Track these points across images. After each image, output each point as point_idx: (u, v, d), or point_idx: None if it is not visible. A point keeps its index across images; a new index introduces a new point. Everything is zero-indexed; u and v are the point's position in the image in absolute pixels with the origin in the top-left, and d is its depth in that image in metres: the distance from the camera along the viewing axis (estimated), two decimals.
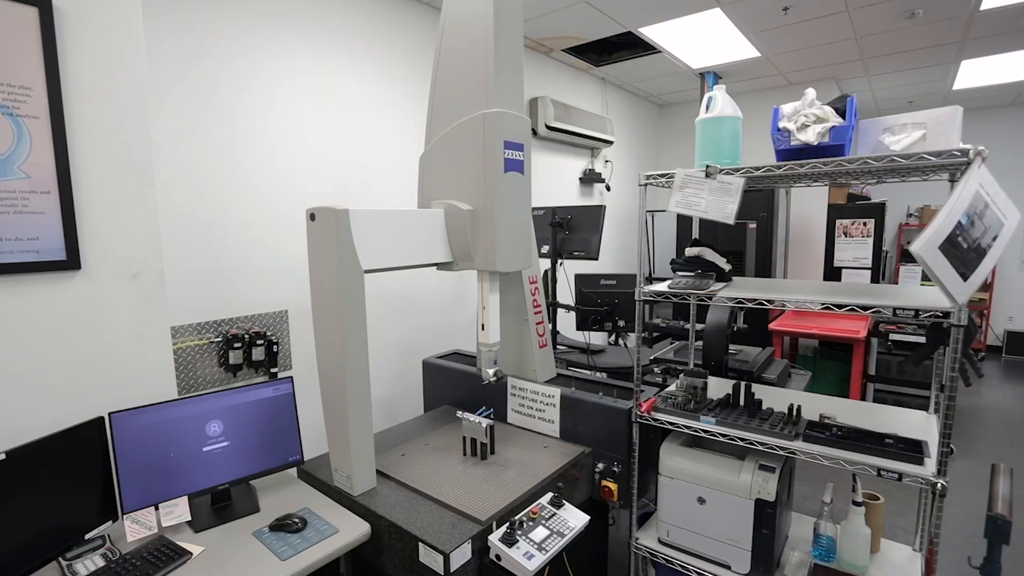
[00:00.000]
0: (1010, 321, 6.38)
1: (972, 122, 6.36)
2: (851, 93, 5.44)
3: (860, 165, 1.33)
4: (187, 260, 2.23)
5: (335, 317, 1.60)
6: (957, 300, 1.21)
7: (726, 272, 1.84)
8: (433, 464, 1.86)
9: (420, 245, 1.80)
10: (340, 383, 1.63)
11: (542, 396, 2.09)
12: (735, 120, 1.64)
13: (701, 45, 3.96)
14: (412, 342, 3.21)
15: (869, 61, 4.40)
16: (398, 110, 3.04)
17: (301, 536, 1.49)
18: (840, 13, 3.35)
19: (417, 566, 1.47)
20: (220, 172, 2.32)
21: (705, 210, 1.53)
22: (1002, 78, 4.96)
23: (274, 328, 2.53)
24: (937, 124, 1.32)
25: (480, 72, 1.75)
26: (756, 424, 1.64)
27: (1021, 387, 5.19)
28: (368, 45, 2.87)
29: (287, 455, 1.80)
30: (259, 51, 2.40)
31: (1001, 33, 3.77)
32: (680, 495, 1.80)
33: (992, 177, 1.20)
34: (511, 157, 1.79)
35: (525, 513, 1.56)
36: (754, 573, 1.71)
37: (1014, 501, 2.57)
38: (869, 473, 1.41)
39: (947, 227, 1.16)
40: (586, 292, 2.90)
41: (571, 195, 4.59)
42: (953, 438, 3.78)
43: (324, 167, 2.71)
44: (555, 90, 4.28)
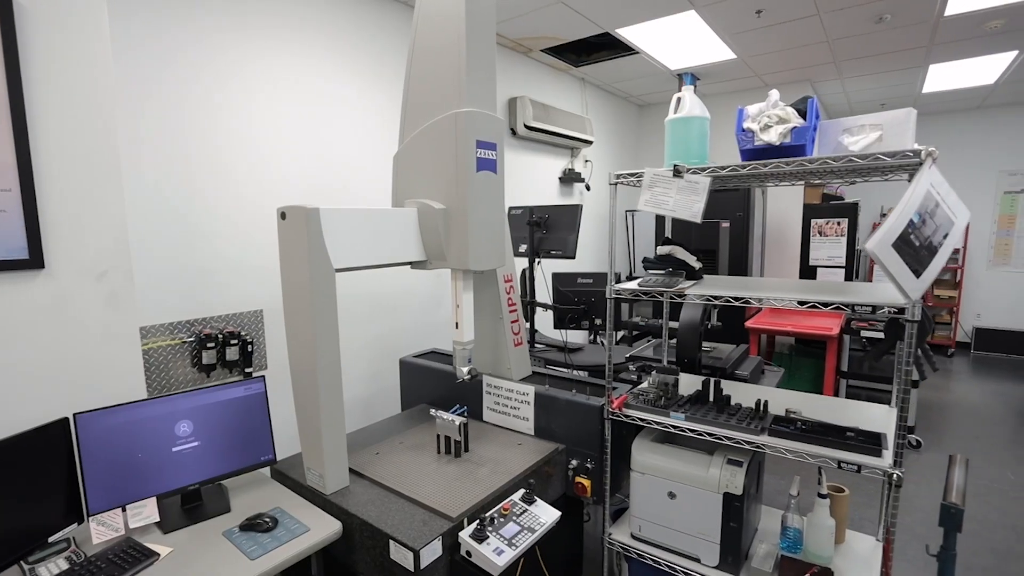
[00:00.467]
0: (978, 318, 6.56)
1: (941, 124, 6.53)
2: (826, 95, 5.57)
3: (820, 165, 1.37)
4: (160, 259, 2.20)
5: (306, 316, 1.60)
6: (911, 296, 1.25)
7: (696, 270, 1.87)
8: (407, 462, 1.87)
9: (392, 244, 1.80)
10: (312, 382, 1.63)
11: (517, 394, 2.10)
12: (703, 120, 1.67)
13: (678, 46, 4.01)
14: (390, 341, 3.20)
15: (842, 64, 4.49)
16: (376, 109, 3.04)
17: (271, 535, 1.49)
18: (811, 17, 3.41)
19: (388, 563, 1.47)
20: (194, 171, 2.29)
21: (673, 208, 1.56)
22: (968, 82, 5.10)
23: (249, 328, 2.51)
24: (893, 125, 1.36)
25: (452, 71, 1.76)
26: (724, 419, 1.67)
27: (988, 382, 5.34)
28: (344, 43, 2.85)
29: (259, 455, 1.79)
30: (233, 49, 2.38)
31: (965, 39, 3.87)
32: (651, 490, 1.83)
33: (942, 177, 1.24)
34: (483, 156, 1.80)
35: (496, 510, 1.58)
36: (723, 565, 1.74)
37: (979, 490, 2.62)
38: (830, 465, 1.45)
39: (900, 225, 1.19)
40: (563, 291, 2.92)
41: (551, 195, 4.62)
42: (922, 432, 3.89)
43: (301, 166, 2.69)
44: (534, 90, 4.30)
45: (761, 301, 1.51)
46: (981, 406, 4.62)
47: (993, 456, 3.61)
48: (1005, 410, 4.51)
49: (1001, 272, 6.40)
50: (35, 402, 1.51)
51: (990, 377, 5.52)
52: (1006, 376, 5.54)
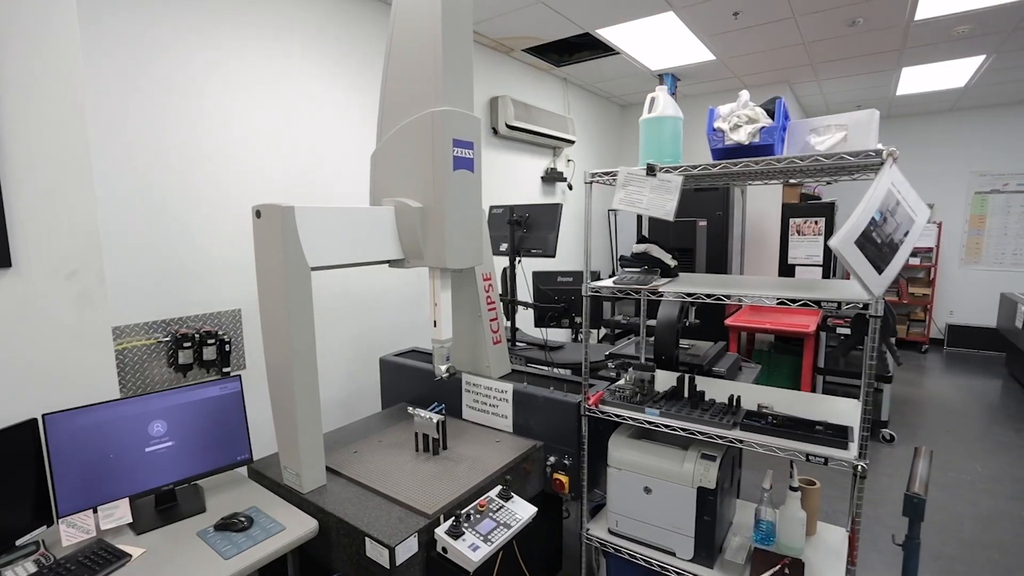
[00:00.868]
0: (951, 315, 6.71)
1: (915, 126, 6.67)
2: (804, 96, 5.66)
3: (788, 164, 1.40)
4: (135, 259, 2.17)
5: (282, 314, 1.60)
6: (873, 292, 1.28)
7: (671, 268, 1.90)
8: (385, 460, 1.87)
9: (369, 242, 1.80)
10: (288, 381, 1.62)
11: (495, 392, 2.11)
12: (676, 120, 1.69)
13: (658, 47, 4.05)
14: (371, 340, 3.19)
15: (818, 66, 4.57)
16: (357, 107, 3.03)
17: (247, 535, 1.48)
18: (787, 19, 3.47)
19: (364, 561, 1.47)
20: (171, 171, 2.27)
21: (647, 207, 1.58)
22: (940, 85, 5.22)
23: (227, 327, 2.48)
24: (857, 126, 1.39)
25: (429, 70, 1.77)
26: (698, 415, 1.70)
27: (960, 377, 5.48)
28: (324, 41, 2.84)
29: (235, 454, 1.78)
30: (210, 47, 2.36)
31: (935, 43, 3.97)
32: (628, 485, 1.85)
33: (903, 177, 1.28)
34: (460, 155, 1.81)
35: (473, 506, 1.59)
36: (697, 558, 1.77)
37: (949, 482, 2.70)
38: (799, 458, 1.49)
39: (862, 223, 1.23)
40: (543, 289, 2.94)
41: (533, 194, 4.64)
42: (896, 427, 3.97)
43: (280, 164, 2.68)
44: (516, 90, 4.31)
45: (731, 297, 1.53)
46: (953, 401, 4.74)
47: (963, 449, 3.70)
48: (976, 404, 4.63)
49: (972, 270, 6.57)
50: (2, 403, 1.49)
51: (962, 372, 5.66)
52: (977, 371, 5.69)
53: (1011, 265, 6.34)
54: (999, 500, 3.02)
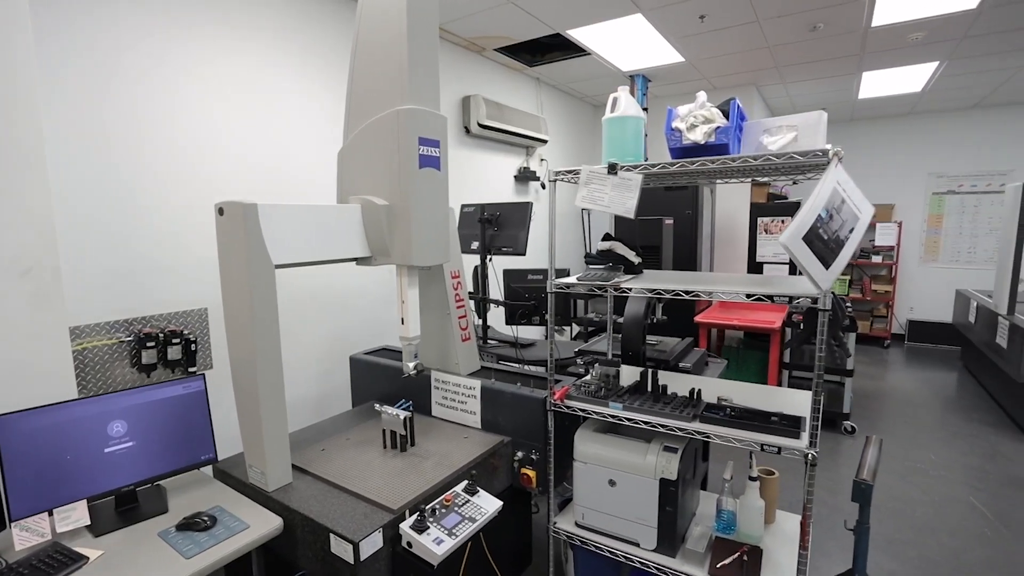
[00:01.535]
0: (911, 311, 6.96)
1: (877, 128, 6.89)
2: (771, 99, 5.81)
3: (742, 163, 1.45)
4: (95, 257, 2.13)
5: (246, 312, 1.59)
6: (821, 286, 1.34)
7: (636, 265, 1.94)
8: (352, 458, 1.87)
9: (335, 240, 1.80)
10: (252, 379, 1.61)
11: (464, 388, 2.13)
12: (638, 120, 1.73)
13: (628, 48, 4.11)
14: (342, 339, 3.18)
15: (783, 69, 4.70)
16: (325, 104, 3.00)
17: (209, 534, 1.47)
18: (752, 23, 3.56)
19: (329, 557, 1.48)
20: (135, 168, 2.22)
21: (608, 205, 1.61)
22: (898, 90, 5.40)
23: (193, 327, 2.45)
24: (806, 127, 1.45)
25: (394, 68, 1.77)
26: (659, 408, 1.75)
27: (919, 371, 5.68)
28: (292, 37, 2.81)
29: (199, 453, 1.76)
30: (175, 43, 2.32)
31: (891, 49, 4.12)
32: (593, 479, 1.89)
33: (848, 176, 1.34)
34: (426, 154, 1.82)
35: (439, 501, 1.60)
36: (660, 548, 1.81)
37: (904, 471, 2.80)
38: (754, 448, 1.54)
39: (809, 220, 1.28)
40: (514, 287, 2.97)
41: (506, 193, 4.66)
42: (857, 419, 4.10)
43: (247, 162, 2.64)
44: (488, 89, 4.33)
45: (689, 293, 1.58)
46: (912, 393, 4.91)
47: (919, 439, 3.85)
48: (932, 396, 4.82)
49: (931, 268, 6.82)
50: None
51: (921, 366, 5.88)
52: (935, 365, 5.91)
53: (966, 263, 6.61)
54: (951, 486, 3.16)
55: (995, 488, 3.14)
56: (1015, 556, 2.50)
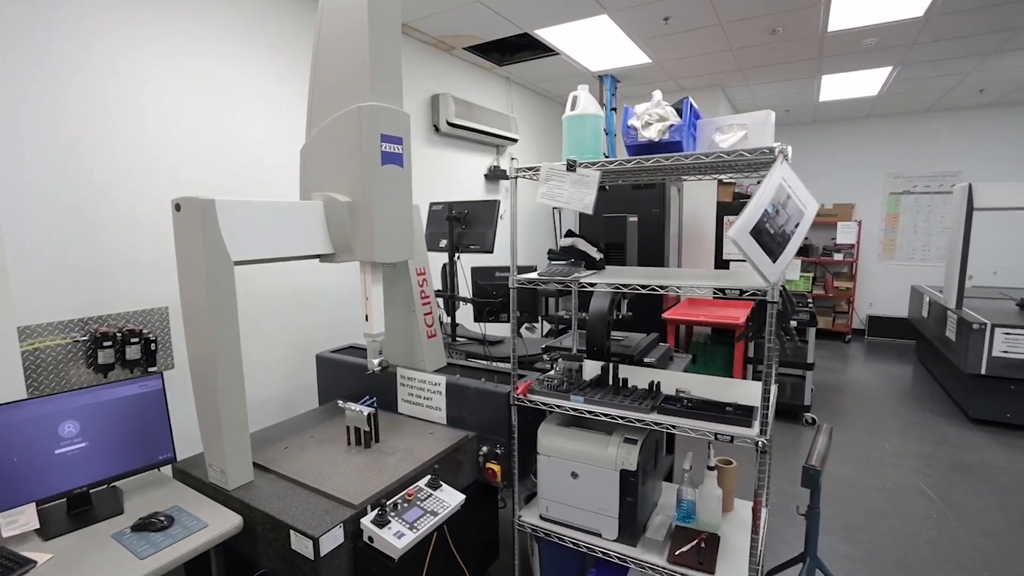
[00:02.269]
0: (871, 307, 7.21)
1: (838, 130, 7.12)
2: (737, 100, 5.95)
3: (694, 160, 1.49)
4: (48, 255, 2.07)
5: (204, 309, 1.57)
6: (768, 279, 1.39)
7: (597, 261, 1.97)
8: (315, 455, 1.86)
9: (297, 237, 1.79)
10: (211, 377, 1.59)
11: (429, 384, 2.14)
12: (596, 118, 1.77)
13: (596, 49, 4.16)
14: (310, 337, 3.15)
15: (747, 71, 4.82)
16: (288, 100, 2.97)
17: (166, 534, 1.45)
18: (714, 26, 3.65)
19: (290, 554, 1.47)
20: (89, 164, 2.16)
21: (567, 201, 1.64)
22: (856, 93, 5.60)
23: (153, 326, 2.40)
24: (755, 125, 1.50)
25: (356, 64, 1.77)
26: (619, 400, 1.78)
27: (877, 364, 5.90)
28: (253, 31, 2.77)
29: (157, 453, 1.73)
30: (129, 36, 2.26)
31: (848, 53, 4.27)
32: (556, 471, 1.92)
33: (793, 173, 1.39)
34: (388, 150, 1.82)
35: (401, 496, 1.61)
36: (622, 538, 1.85)
37: (859, 459, 2.89)
38: (708, 438, 1.59)
39: (756, 215, 1.33)
40: (482, 284, 2.98)
41: (476, 191, 4.67)
42: (818, 411, 4.25)
43: (208, 157, 2.60)
44: (458, 88, 4.33)
45: (646, 287, 1.62)
46: (870, 386, 5.10)
47: (875, 429, 4.00)
48: (889, 388, 5.01)
49: (889, 265, 7.08)
50: None
51: (879, 360, 6.10)
52: (892, 359, 6.14)
53: (920, 260, 6.88)
54: (903, 473, 3.30)
55: (942, 473, 3.29)
56: (956, 536, 2.64)
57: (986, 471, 3.32)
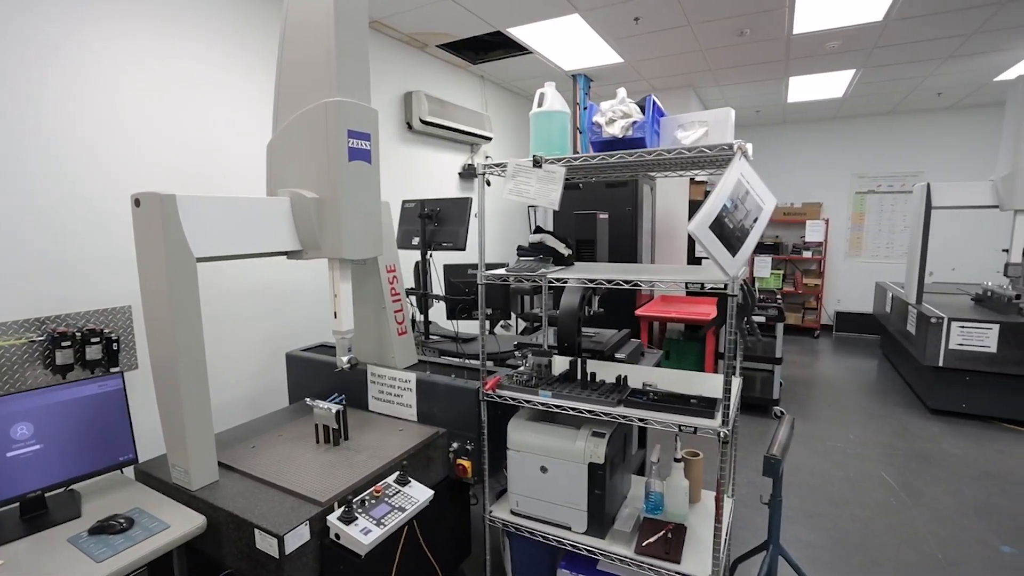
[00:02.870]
0: (838, 303, 7.41)
1: (807, 131, 7.30)
2: (709, 100, 6.05)
3: (656, 156, 1.52)
4: (3, 251, 2.00)
5: (165, 306, 1.54)
6: (728, 273, 1.42)
7: (565, 256, 1.99)
8: (283, 454, 1.84)
9: (263, 233, 1.76)
10: (173, 375, 1.57)
11: (399, 382, 2.13)
12: (563, 115, 1.79)
13: (569, 48, 4.19)
14: (281, 336, 3.11)
15: (717, 72, 4.90)
16: (255, 95, 2.92)
17: (125, 536, 1.42)
18: (684, 27, 3.71)
19: (255, 554, 1.45)
20: (47, 159, 2.10)
21: (534, 197, 1.66)
22: (822, 95, 5.74)
23: (115, 325, 2.34)
24: (716, 123, 1.54)
25: (322, 59, 1.75)
26: (587, 394, 1.80)
27: (844, 359, 6.07)
28: (220, 24, 2.72)
29: (117, 455, 1.70)
30: (90, 28, 2.20)
31: (813, 56, 4.38)
32: (526, 466, 1.93)
33: (752, 169, 1.43)
34: (356, 146, 1.81)
35: (369, 492, 1.60)
36: (591, 530, 1.87)
37: (825, 450, 2.96)
38: (672, 429, 1.62)
39: (715, 209, 1.36)
40: (454, 282, 2.98)
41: (451, 189, 4.67)
42: (787, 404, 4.35)
43: (174, 153, 2.54)
44: (431, 85, 4.32)
45: (612, 282, 1.64)
46: (836, 380, 5.25)
47: (841, 421, 4.12)
48: (854, 382, 5.16)
49: (855, 263, 7.29)
50: None
51: (846, 354, 6.27)
52: (858, 353, 6.32)
53: (884, 258, 7.10)
54: (865, 463, 3.40)
55: (902, 462, 3.40)
56: (914, 522, 2.73)
57: (942, 459, 3.45)
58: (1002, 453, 3.54)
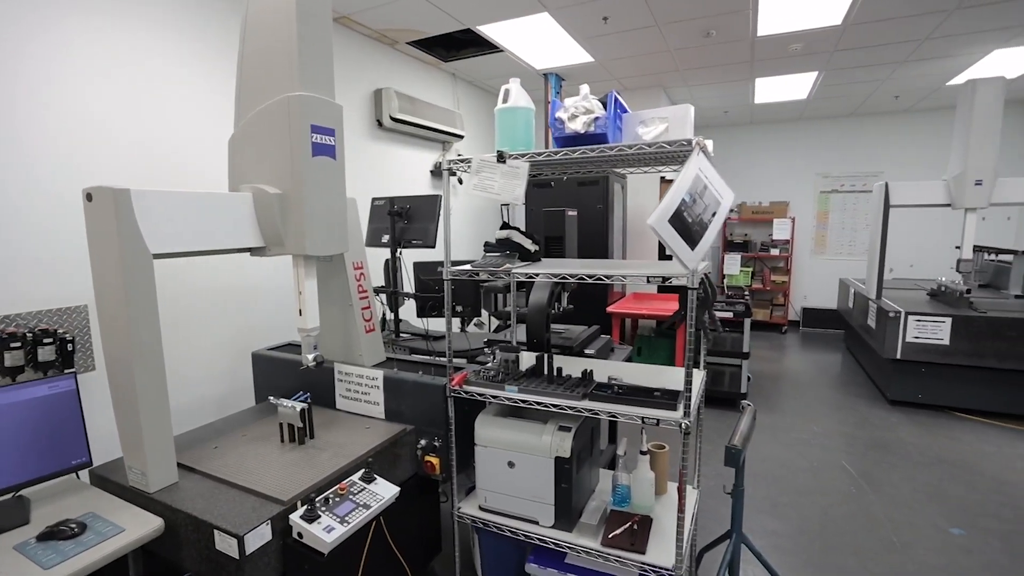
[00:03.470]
0: (805, 299, 7.61)
1: (774, 132, 7.47)
2: (678, 100, 6.15)
3: (618, 152, 1.54)
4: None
5: (120, 303, 1.50)
6: (687, 266, 1.45)
7: (532, 252, 2.00)
8: (247, 453, 1.81)
9: (224, 229, 1.73)
10: (129, 375, 1.52)
11: (366, 379, 2.11)
12: (528, 111, 1.80)
13: (540, 47, 4.21)
14: (248, 335, 3.05)
15: (685, 72, 4.98)
16: (217, 89, 2.86)
17: (76, 541, 1.38)
18: (651, 27, 3.76)
19: (215, 555, 1.43)
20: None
21: (498, 192, 1.66)
22: (787, 96, 5.89)
23: (70, 325, 2.26)
24: (676, 119, 1.56)
25: (284, 53, 1.73)
26: (552, 389, 1.82)
27: (810, 353, 6.24)
28: (180, 15, 2.66)
29: (70, 458, 1.64)
30: (37, 15, 2.13)
31: (776, 58, 4.49)
32: (493, 462, 1.94)
33: (710, 164, 1.46)
34: (320, 142, 1.79)
35: (333, 490, 1.59)
36: (558, 524, 1.89)
37: (790, 442, 3.00)
38: (635, 421, 1.64)
39: (674, 204, 1.39)
40: (424, 279, 2.97)
41: (423, 187, 4.64)
42: (755, 398, 4.44)
43: (132, 148, 2.47)
44: (401, 82, 4.29)
45: (576, 276, 1.66)
46: (802, 374, 5.39)
47: (806, 413, 4.24)
48: (819, 375, 5.31)
49: (820, 260, 7.50)
50: None
51: (812, 349, 6.45)
52: (824, 348, 6.51)
53: (847, 255, 7.32)
54: (828, 453, 3.51)
55: (862, 451, 3.52)
56: (871, 508, 2.83)
57: (899, 447, 3.58)
58: (953, 440, 3.69)
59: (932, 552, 2.47)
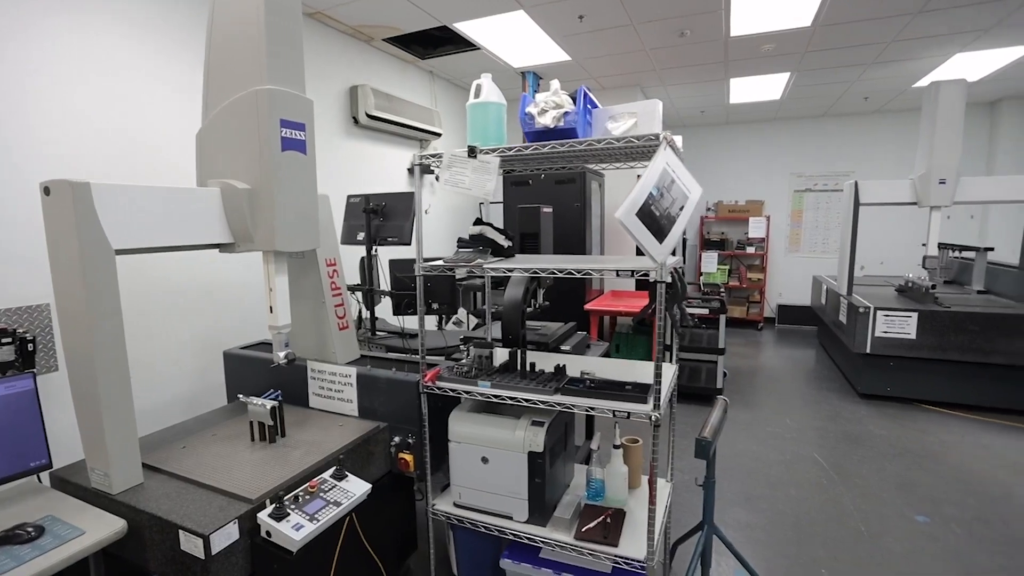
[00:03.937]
0: (780, 297, 7.75)
1: (750, 131, 7.59)
2: (653, 100, 6.21)
3: (587, 147, 1.55)
4: None
5: (79, 300, 1.46)
6: (656, 259, 1.47)
7: (505, 248, 2.00)
8: (216, 453, 1.78)
9: (191, 224, 1.70)
10: (90, 373, 1.49)
11: (340, 377, 2.09)
12: (500, 106, 1.80)
13: (517, 45, 4.21)
14: (219, 333, 3.00)
15: (661, 72, 5.04)
16: (183, 80, 2.81)
17: (33, 545, 1.34)
18: (627, 26, 3.79)
19: (180, 556, 1.40)
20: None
21: (469, 187, 1.66)
22: (762, 96, 5.99)
23: (31, 324, 2.20)
24: (645, 114, 1.58)
25: (252, 45, 1.70)
26: (525, 384, 1.82)
27: (785, 349, 6.35)
28: (138, 4, 2.60)
29: (27, 460, 1.60)
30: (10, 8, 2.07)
31: (750, 58, 4.56)
32: (467, 458, 1.93)
33: (677, 158, 1.48)
34: (289, 136, 1.77)
35: (303, 488, 1.57)
36: (532, 519, 1.89)
37: (764, 436, 3.04)
38: (606, 415, 1.65)
39: (641, 197, 1.40)
40: (400, 277, 2.95)
41: (400, 185, 4.62)
42: (730, 393, 4.50)
43: (99, 144, 2.41)
44: (378, 80, 4.26)
45: (547, 270, 1.67)
46: (777, 369, 5.49)
47: (780, 408, 4.31)
48: (793, 371, 5.41)
49: (795, 258, 7.64)
50: None
51: (787, 345, 6.57)
52: (798, 344, 6.63)
53: (821, 253, 7.48)
54: (801, 446, 3.58)
55: (833, 444, 3.60)
56: (842, 499, 2.90)
57: (869, 439, 3.67)
58: (919, 431, 3.80)
59: (899, 540, 2.54)
